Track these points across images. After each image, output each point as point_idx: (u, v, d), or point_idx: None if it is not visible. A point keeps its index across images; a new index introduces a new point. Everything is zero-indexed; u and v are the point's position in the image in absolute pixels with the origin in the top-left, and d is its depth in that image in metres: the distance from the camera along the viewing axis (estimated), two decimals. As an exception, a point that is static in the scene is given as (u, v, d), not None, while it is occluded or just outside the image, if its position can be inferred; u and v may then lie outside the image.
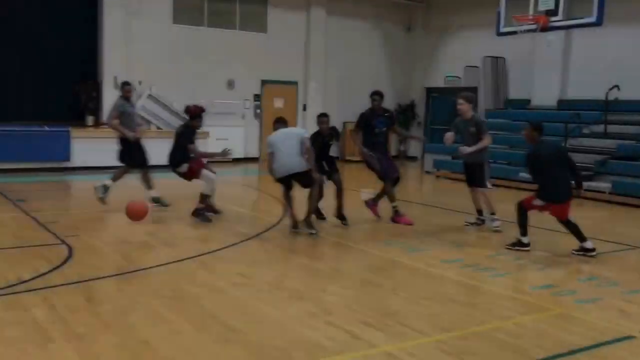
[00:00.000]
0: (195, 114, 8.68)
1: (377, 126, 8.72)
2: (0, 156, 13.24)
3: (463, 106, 8.36)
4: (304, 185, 7.89)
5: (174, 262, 6.39)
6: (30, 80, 15.51)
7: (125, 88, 9.69)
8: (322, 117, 8.59)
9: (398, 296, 5.47)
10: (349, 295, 5.46)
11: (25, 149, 13.50)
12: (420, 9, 20.08)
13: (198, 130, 8.82)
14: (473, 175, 8.50)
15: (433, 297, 5.43)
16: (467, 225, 8.65)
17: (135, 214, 8.05)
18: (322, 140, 8.44)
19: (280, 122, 8.19)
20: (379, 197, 8.95)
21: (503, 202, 8.85)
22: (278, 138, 7.82)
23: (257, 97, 18.07)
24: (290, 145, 7.70)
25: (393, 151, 16.62)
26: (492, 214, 8.39)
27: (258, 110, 18.10)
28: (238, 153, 16.87)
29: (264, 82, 18.07)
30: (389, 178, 8.70)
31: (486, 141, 8.36)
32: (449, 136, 8.45)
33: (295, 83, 18.62)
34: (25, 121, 14.69)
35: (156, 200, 9.30)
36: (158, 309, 4.93)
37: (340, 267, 6.48)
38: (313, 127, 19.00)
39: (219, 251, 6.92)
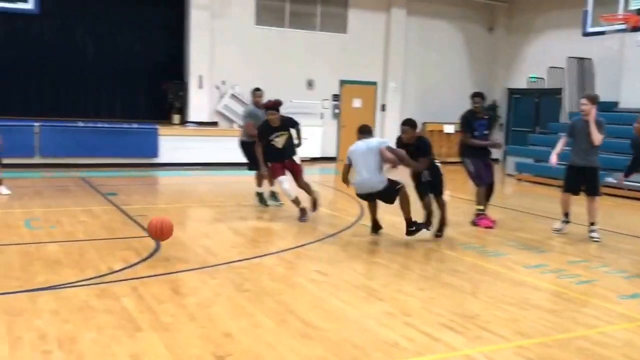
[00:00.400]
0: (266, 107, 8.61)
1: (477, 129, 8.51)
2: (93, 152, 13.97)
3: (587, 106, 7.93)
4: (387, 202, 7.54)
5: (255, 257, 6.56)
6: (121, 81, 16.26)
7: (256, 93, 9.68)
8: (403, 126, 7.61)
9: (478, 300, 5.40)
10: (428, 297, 5.42)
11: (116, 145, 14.18)
12: (503, 9, 19.66)
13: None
14: (581, 181, 8.02)
15: (514, 302, 5.33)
16: (556, 232, 8.27)
17: (160, 232, 6.43)
18: (403, 147, 7.61)
19: (365, 133, 7.63)
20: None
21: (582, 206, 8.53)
22: (358, 150, 7.43)
23: (335, 97, 18.19)
24: (370, 159, 7.28)
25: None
26: (592, 223, 7.98)
27: (336, 110, 18.22)
28: (316, 152, 17.08)
29: (342, 82, 18.17)
30: (482, 183, 8.57)
31: (600, 141, 7.90)
32: (555, 159, 8.13)
33: (374, 83, 18.62)
34: (116, 119, 15.46)
35: (260, 198, 9.50)
36: (240, 303, 5.07)
37: (418, 269, 6.44)
38: (391, 127, 19.02)
39: (298, 248, 7.03)
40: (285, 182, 8.54)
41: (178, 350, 4.05)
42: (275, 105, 8.56)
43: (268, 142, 8.59)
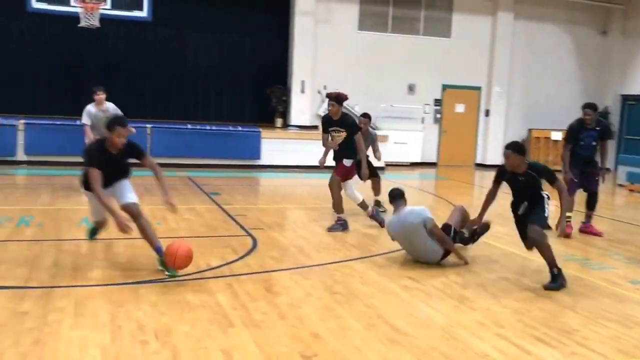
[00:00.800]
0: (328, 96, 8.38)
1: (584, 140, 8.30)
2: (200, 152, 14.55)
3: None
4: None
5: (347, 260, 6.60)
6: (228, 85, 16.88)
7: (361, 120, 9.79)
8: (506, 150, 6.05)
9: (577, 314, 5.16)
10: (522, 308, 5.24)
11: (221, 147, 14.70)
12: (618, 11, 18.68)
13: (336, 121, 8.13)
14: None
15: (617, 318, 5.05)
16: None
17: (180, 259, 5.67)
18: (509, 178, 6.18)
19: (396, 199, 6.64)
20: (587, 217, 8.48)
21: None
22: (393, 227, 6.64)
23: (437, 102, 17.96)
24: (413, 237, 6.44)
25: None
26: None
27: (438, 115, 17.99)
28: (416, 157, 16.94)
29: (445, 87, 17.91)
30: (570, 189, 8.24)
31: None
32: None
33: (478, 88, 18.23)
34: (222, 121, 16.07)
35: (377, 204, 9.53)
36: (330, 304, 5.12)
37: (514, 279, 6.23)
38: (495, 133, 18.59)
39: (391, 253, 6.99)
40: (349, 187, 8.40)
41: (267, 347, 4.15)
42: (337, 97, 8.10)
43: (331, 135, 8.33)
